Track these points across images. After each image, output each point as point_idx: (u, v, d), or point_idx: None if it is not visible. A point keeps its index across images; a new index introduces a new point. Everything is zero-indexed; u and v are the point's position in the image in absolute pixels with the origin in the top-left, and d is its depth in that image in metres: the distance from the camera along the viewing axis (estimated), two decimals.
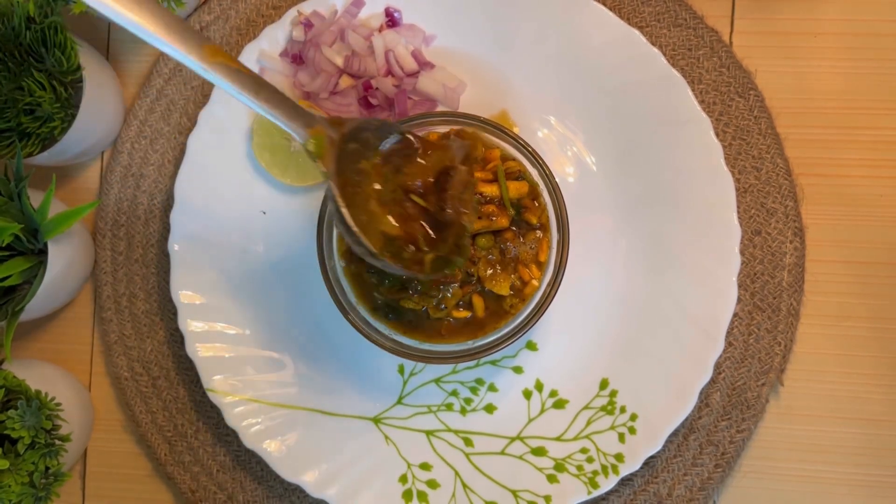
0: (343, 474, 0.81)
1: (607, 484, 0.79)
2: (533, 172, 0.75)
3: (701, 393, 0.78)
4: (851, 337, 0.83)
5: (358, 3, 0.83)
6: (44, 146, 0.81)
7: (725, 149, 0.83)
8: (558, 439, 0.81)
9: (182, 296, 0.83)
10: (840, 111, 0.84)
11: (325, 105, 0.82)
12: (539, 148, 0.81)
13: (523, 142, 0.74)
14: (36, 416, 0.76)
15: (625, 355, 0.81)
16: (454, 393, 0.83)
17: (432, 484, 0.81)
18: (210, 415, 0.87)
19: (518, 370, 0.83)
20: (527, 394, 0.82)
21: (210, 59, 0.54)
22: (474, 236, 0.72)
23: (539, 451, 0.81)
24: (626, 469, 0.79)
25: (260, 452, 0.81)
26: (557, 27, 0.82)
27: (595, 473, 0.79)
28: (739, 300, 0.82)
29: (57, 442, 0.79)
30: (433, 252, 0.66)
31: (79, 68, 0.79)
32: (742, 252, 0.82)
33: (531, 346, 0.83)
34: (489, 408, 0.83)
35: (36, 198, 0.82)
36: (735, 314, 0.81)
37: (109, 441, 0.89)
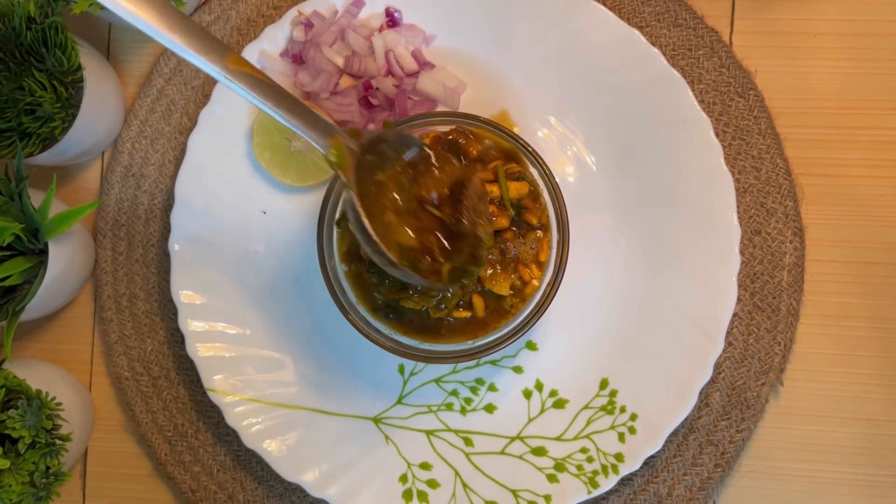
0: (343, 474, 0.81)
1: (607, 484, 0.79)
2: (533, 172, 0.75)
3: (701, 393, 0.78)
4: (851, 337, 0.83)
5: (358, 3, 0.83)
6: (44, 146, 0.81)
7: (725, 149, 0.83)
8: (558, 439, 0.81)
9: (182, 295, 0.83)
10: (840, 111, 0.84)
11: (326, 105, 0.82)
12: (539, 148, 0.81)
13: (523, 142, 0.74)
14: (36, 416, 0.76)
15: (625, 355, 0.81)
16: (454, 393, 0.83)
17: (432, 483, 0.81)
18: (210, 414, 0.87)
19: (518, 370, 0.83)
20: (527, 393, 0.82)
21: (233, 69, 0.54)
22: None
23: (539, 451, 0.81)
24: (626, 469, 0.79)
25: (260, 452, 0.81)
26: (557, 27, 0.82)
27: (595, 473, 0.79)
28: (739, 300, 0.82)
29: (57, 442, 0.79)
30: (449, 262, 0.66)
31: (79, 68, 0.79)
32: (742, 252, 0.82)
33: (531, 346, 0.83)
34: (489, 407, 0.83)
35: (36, 198, 0.82)
36: (735, 314, 0.81)
37: (110, 441, 0.89)
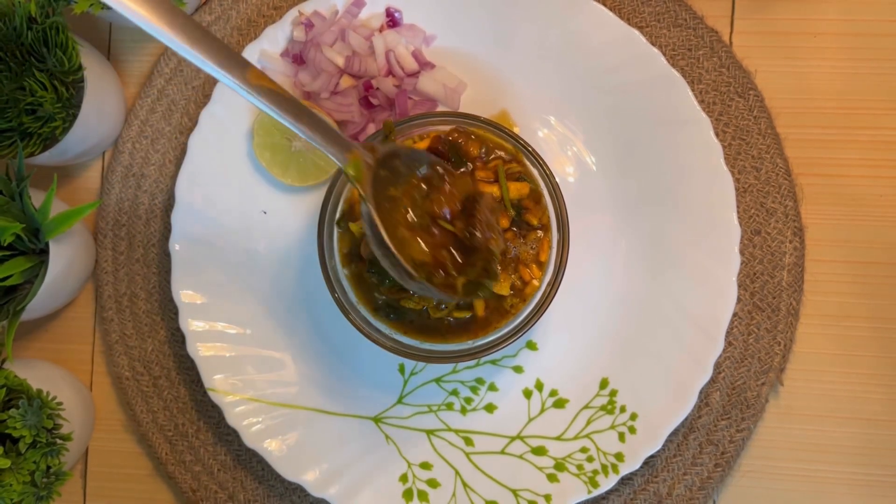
0: (343, 473, 0.81)
1: (607, 483, 0.79)
2: (533, 172, 0.75)
3: (701, 392, 0.79)
4: (851, 336, 0.83)
5: (358, 4, 0.83)
6: (45, 146, 0.81)
7: (725, 149, 0.83)
8: (558, 438, 0.81)
9: (183, 295, 0.83)
10: (840, 111, 0.84)
11: (326, 105, 0.83)
12: (539, 148, 0.81)
13: (524, 142, 0.74)
14: (37, 416, 0.76)
15: (625, 355, 0.81)
16: (454, 392, 0.83)
17: (433, 483, 0.81)
18: (211, 414, 0.87)
19: (518, 370, 0.83)
20: (527, 393, 0.82)
21: (254, 83, 0.56)
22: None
23: (539, 451, 0.81)
24: (626, 468, 0.79)
25: (261, 452, 0.81)
26: (558, 27, 0.82)
27: (595, 473, 0.79)
28: (739, 300, 0.82)
29: (58, 441, 0.79)
30: (463, 276, 0.67)
31: (80, 68, 0.80)
32: (742, 252, 0.82)
33: (531, 346, 0.83)
34: (489, 407, 0.83)
35: (37, 197, 0.82)
36: (735, 314, 0.81)
37: (110, 440, 0.90)
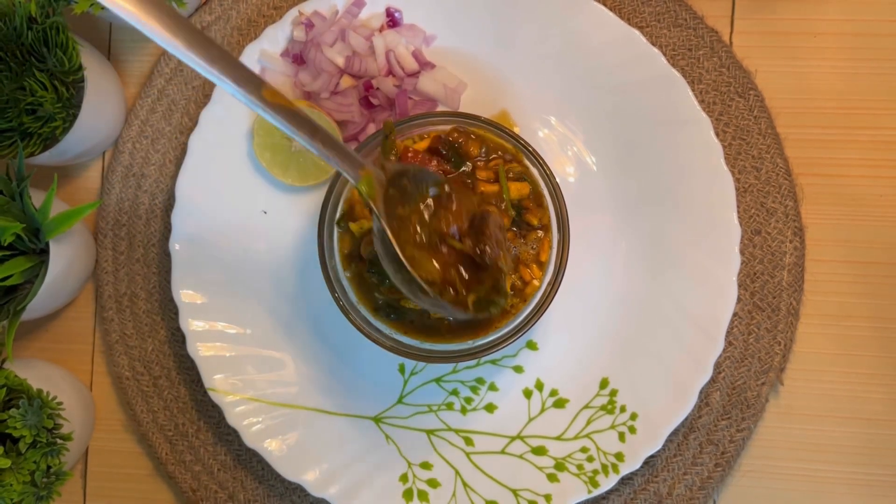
0: (344, 473, 0.81)
1: (607, 483, 0.79)
2: (534, 172, 0.75)
3: (701, 392, 0.79)
4: (851, 336, 0.83)
5: (359, 4, 0.83)
6: (45, 146, 0.81)
7: (725, 149, 0.83)
8: (558, 438, 0.81)
9: (183, 295, 0.83)
10: (840, 111, 0.84)
11: (327, 105, 0.83)
12: (539, 148, 0.81)
13: (524, 142, 0.74)
14: (37, 416, 0.76)
15: (625, 355, 0.81)
16: (455, 392, 0.83)
17: (433, 483, 0.81)
18: (211, 414, 0.87)
19: (518, 369, 0.83)
20: (527, 393, 0.82)
21: (269, 101, 0.57)
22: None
23: (539, 451, 0.81)
24: (627, 468, 0.79)
25: (261, 451, 0.81)
26: (558, 27, 0.82)
27: (595, 472, 0.79)
28: (739, 300, 0.82)
29: (58, 441, 0.79)
30: (472, 293, 0.67)
31: (80, 68, 0.80)
32: (742, 252, 0.82)
33: (531, 346, 0.83)
34: (490, 407, 0.83)
35: (37, 197, 0.82)
36: (735, 314, 0.81)
37: (110, 440, 0.90)
